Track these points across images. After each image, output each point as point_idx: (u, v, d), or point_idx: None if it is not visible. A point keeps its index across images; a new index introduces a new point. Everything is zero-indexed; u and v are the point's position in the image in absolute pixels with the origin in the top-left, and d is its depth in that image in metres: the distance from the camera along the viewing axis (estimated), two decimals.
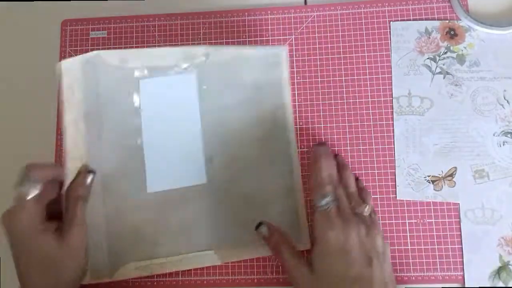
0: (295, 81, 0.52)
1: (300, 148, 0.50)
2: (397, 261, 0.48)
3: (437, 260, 0.47)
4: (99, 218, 0.46)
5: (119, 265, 0.47)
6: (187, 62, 0.49)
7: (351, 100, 0.51)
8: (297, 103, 0.51)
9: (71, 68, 0.45)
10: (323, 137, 0.51)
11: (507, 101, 0.50)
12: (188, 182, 0.48)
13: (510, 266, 0.47)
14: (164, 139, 0.48)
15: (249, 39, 0.53)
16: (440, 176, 0.49)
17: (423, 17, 0.52)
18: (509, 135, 0.49)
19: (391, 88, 0.51)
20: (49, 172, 0.43)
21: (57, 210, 0.44)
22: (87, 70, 0.46)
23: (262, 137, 0.49)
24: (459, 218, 0.48)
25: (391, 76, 0.51)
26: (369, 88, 0.51)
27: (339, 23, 0.53)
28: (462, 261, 0.47)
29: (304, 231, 0.47)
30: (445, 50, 0.51)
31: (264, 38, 0.53)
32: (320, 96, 0.51)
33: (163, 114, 0.48)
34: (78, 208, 0.43)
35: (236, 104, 0.49)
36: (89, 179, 0.45)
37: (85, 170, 0.45)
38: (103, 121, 0.47)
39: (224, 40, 0.54)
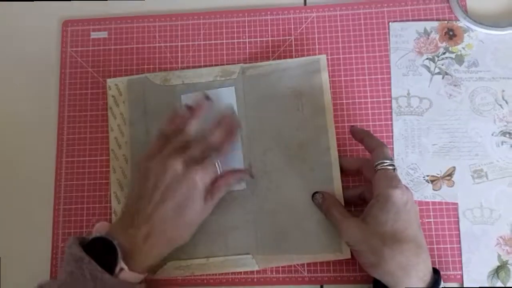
0: None
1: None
2: None
3: (436, 259, 0.48)
4: None
5: (162, 264, 0.48)
6: (224, 77, 0.52)
7: (350, 100, 0.51)
8: None
9: (116, 82, 0.53)
10: None
11: (506, 101, 0.50)
12: None
13: (508, 266, 0.47)
14: None
15: (249, 39, 0.54)
16: (439, 176, 0.49)
17: (422, 17, 0.53)
18: (507, 135, 0.49)
19: (390, 88, 0.51)
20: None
21: None
22: (134, 88, 0.53)
23: (302, 143, 0.50)
24: (458, 217, 0.48)
25: (390, 77, 0.52)
26: (368, 88, 0.51)
27: (339, 23, 0.53)
28: (461, 260, 0.47)
29: (344, 242, 0.47)
30: (444, 51, 0.52)
31: (264, 38, 0.54)
32: None
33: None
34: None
35: (275, 113, 0.51)
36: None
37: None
38: (150, 132, 0.52)
39: (224, 41, 0.54)
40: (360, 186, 0.48)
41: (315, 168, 0.49)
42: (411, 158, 0.50)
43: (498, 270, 0.47)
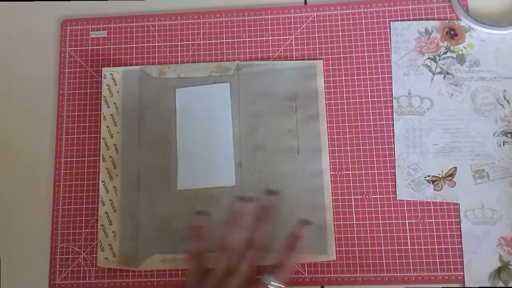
0: None
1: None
2: (397, 261, 0.48)
3: (437, 260, 0.47)
4: (133, 208, 0.50)
5: (147, 256, 0.49)
6: (220, 73, 0.52)
7: (351, 100, 0.51)
8: None
9: (111, 72, 0.53)
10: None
11: (507, 101, 0.50)
12: (216, 183, 0.50)
13: (510, 266, 0.47)
14: (197, 142, 0.51)
15: (249, 39, 0.53)
16: (440, 176, 0.49)
17: (423, 17, 0.52)
18: (509, 135, 0.49)
19: (391, 88, 0.51)
20: None
21: None
22: (129, 79, 0.53)
23: (293, 145, 0.50)
24: (459, 218, 0.48)
25: (391, 76, 0.51)
26: (369, 88, 0.51)
27: (339, 23, 0.53)
28: (462, 261, 0.47)
29: (330, 244, 0.48)
30: (445, 50, 0.51)
31: (264, 38, 0.53)
32: None
33: (196, 119, 0.52)
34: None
35: (268, 112, 0.51)
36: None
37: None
38: (142, 123, 0.52)
39: (224, 40, 0.54)
40: None
41: (306, 170, 0.49)
42: (412, 158, 0.49)
43: (500, 271, 0.47)
